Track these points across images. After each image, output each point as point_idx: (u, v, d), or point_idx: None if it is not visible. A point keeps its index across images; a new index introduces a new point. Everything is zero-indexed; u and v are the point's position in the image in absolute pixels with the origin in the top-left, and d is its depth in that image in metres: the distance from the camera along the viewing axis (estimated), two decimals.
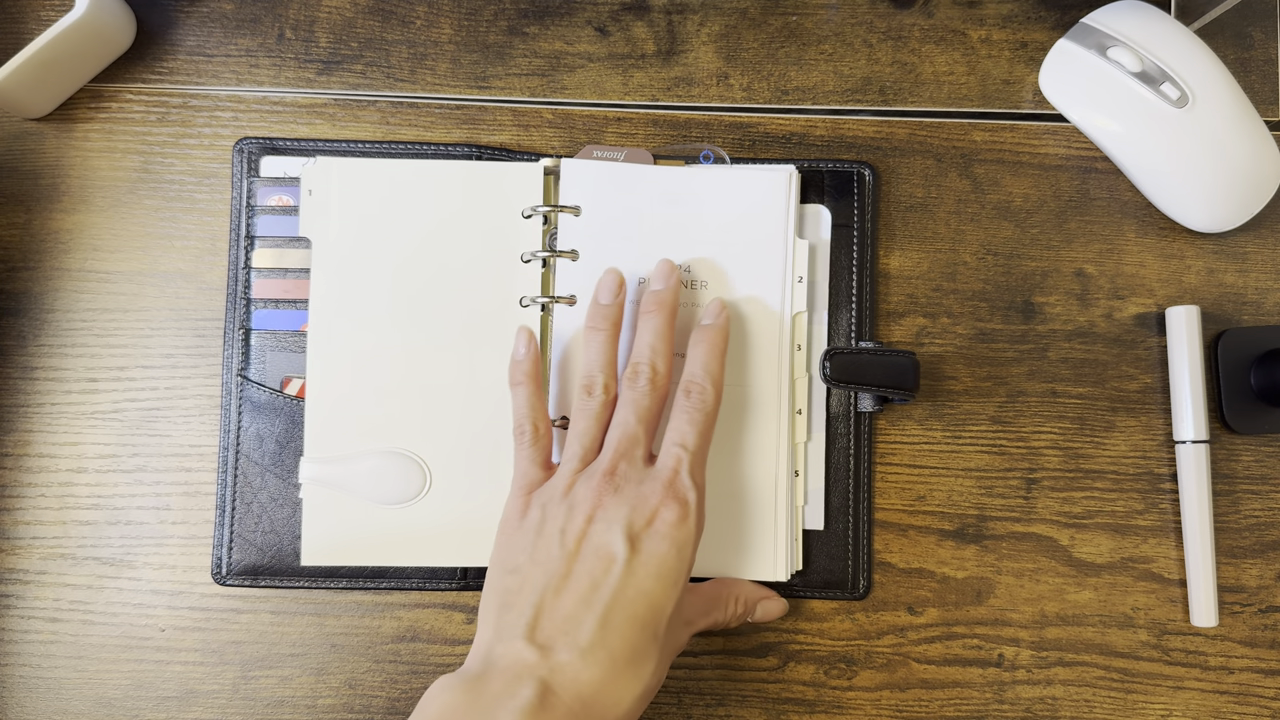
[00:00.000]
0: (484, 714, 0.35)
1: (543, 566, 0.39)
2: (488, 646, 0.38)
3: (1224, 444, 0.50)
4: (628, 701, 0.37)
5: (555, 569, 0.39)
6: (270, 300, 0.48)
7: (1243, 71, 0.51)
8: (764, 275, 0.47)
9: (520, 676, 0.36)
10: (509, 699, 0.35)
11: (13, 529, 0.48)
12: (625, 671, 0.37)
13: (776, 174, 0.47)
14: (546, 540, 0.40)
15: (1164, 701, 0.48)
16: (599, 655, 0.36)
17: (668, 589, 0.38)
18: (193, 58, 0.50)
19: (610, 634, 0.37)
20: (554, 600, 0.38)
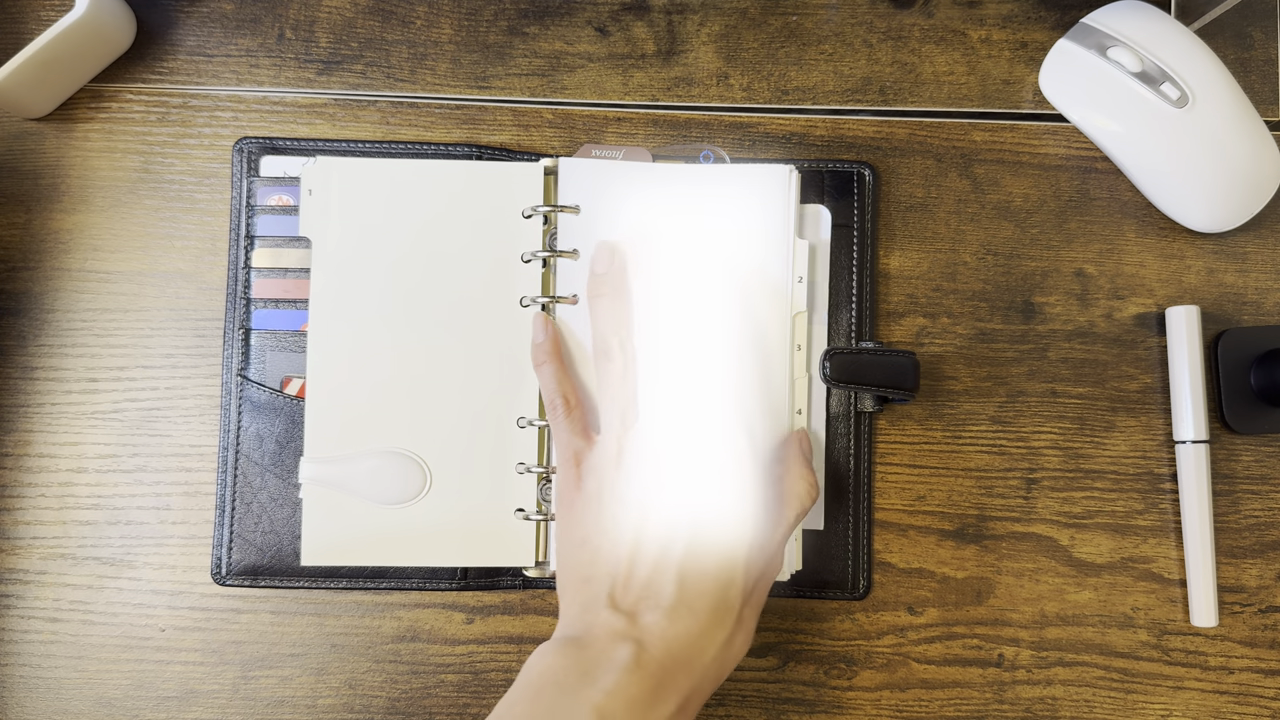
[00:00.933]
0: (586, 673, 0.37)
1: (609, 536, 0.41)
2: (575, 617, 0.40)
3: (1224, 444, 0.50)
4: (713, 649, 0.38)
5: (623, 537, 0.40)
6: (270, 300, 0.48)
7: (1243, 71, 0.51)
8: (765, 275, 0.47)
9: (615, 639, 0.38)
10: (608, 659, 0.37)
11: (13, 529, 0.48)
12: (709, 623, 0.39)
13: (776, 171, 0.47)
14: (609, 508, 0.41)
15: (1164, 701, 0.48)
16: (681, 613, 0.38)
17: (736, 538, 0.40)
18: (193, 58, 0.50)
19: (688, 592, 0.39)
20: (629, 569, 0.40)
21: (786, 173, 0.47)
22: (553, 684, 0.37)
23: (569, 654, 0.38)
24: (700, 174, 0.48)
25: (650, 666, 0.37)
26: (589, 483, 0.42)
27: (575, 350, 0.47)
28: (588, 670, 0.37)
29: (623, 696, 0.36)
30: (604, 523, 0.41)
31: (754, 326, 0.46)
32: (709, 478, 0.41)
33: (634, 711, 0.36)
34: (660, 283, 0.45)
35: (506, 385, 0.47)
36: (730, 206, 0.47)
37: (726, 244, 0.47)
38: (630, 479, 0.41)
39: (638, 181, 0.48)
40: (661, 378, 0.43)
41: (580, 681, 0.37)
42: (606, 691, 0.36)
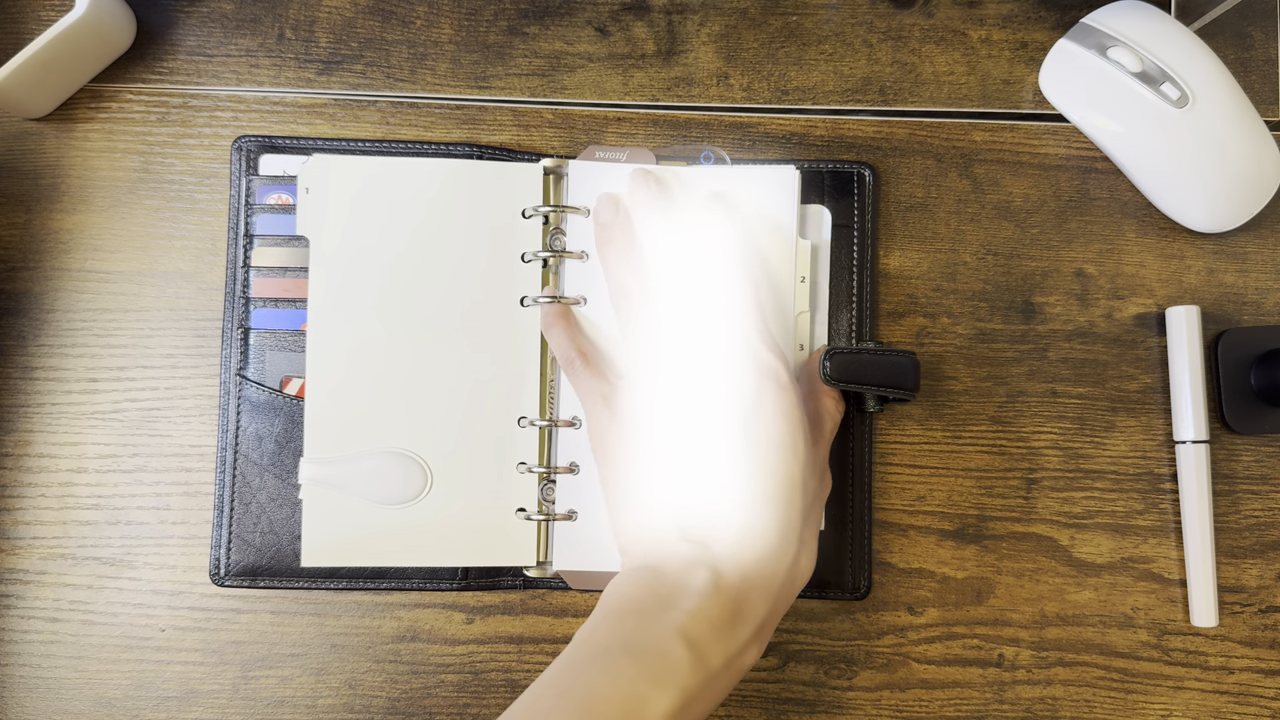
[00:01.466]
0: (667, 599, 0.38)
1: (665, 467, 0.41)
2: (647, 550, 0.40)
3: (1224, 444, 0.50)
4: (783, 570, 0.39)
5: (680, 467, 0.41)
6: (269, 299, 0.48)
7: (1243, 71, 0.51)
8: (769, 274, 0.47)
9: (691, 566, 0.38)
10: (686, 584, 0.38)
11: (13, 529, 0.48)
12: (777, 544, 0.39)
13: (783, 173, 0.47)
14: (658, 440, 0.42)
15: (1164, 702, 0.48)
16: (751, 537, 0.39)
17: (790, 458, 0.40)
18: (193, 58, 0.50)
19: (753, 516, 0.39)
20: (693, 498, 0.40)
21: (793, 174, 0.47)
22: (634, 610, 0.38)
23: (647, 582, 0.39)
24: (706, 176, 0.48)
25: (728, 590, 0.38)
26: (628, 420, 0.43)
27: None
28: (668, 596, 0.38)
29: (704, 619, 0.37)
30: (657, 454, 0.41)
31: (767, 289, 0.47)
32: (752, 400, 0.41)
33: (716, 633, 0.37)
34: (669, 280, 0.44)
35: (507, 384, 0.47)
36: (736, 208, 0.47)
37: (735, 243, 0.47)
38: (673, 408, 0.41)
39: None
40: (682, 323, 0.43)
41: (661, 606, 0.37)
42: (689, 613, 0.37)
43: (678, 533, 0.40)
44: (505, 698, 0.47)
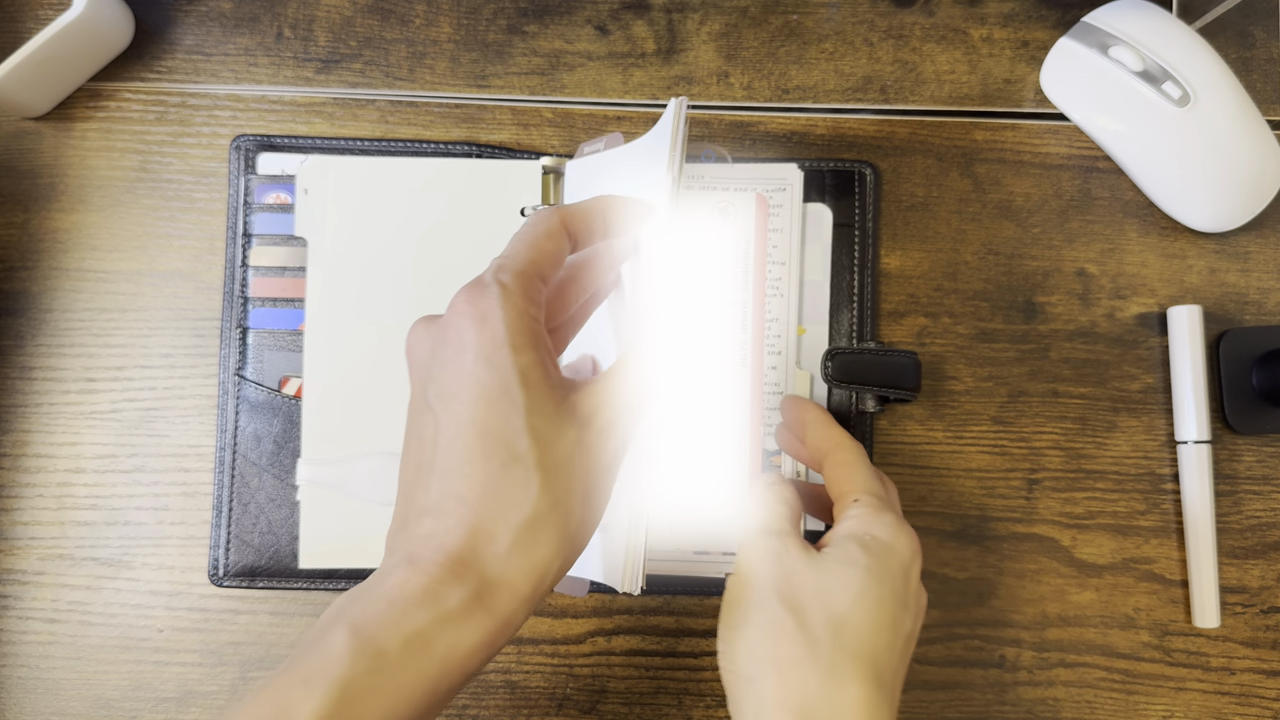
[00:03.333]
0: (361, 590, 0.32)
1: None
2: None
3: (1226, 444, 0.49)
4: (512, 525, 0.31)
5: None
6: (268, 299, 0.48)
7: (1245, 70, 0.51)
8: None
9: (390, 549, 0.33)
10: (382, 568, 0.32)
11: (10, 529, 0.48)
12: (492, 500, 0.31)
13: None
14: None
15: (1166, 702, 0.48)
16: (447, 503, 0.32)
17: (498, 405, 0.31)
18: (191, 56, 0.50)
19: (454, 479, 0.32)
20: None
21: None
22: (329, 613, 0.32)
23: (362, 583, 0.33)
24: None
25: (423, 562, 0.31)
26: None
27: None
28: (363, 587, 0.32)
29: (382, 599, 0.31)
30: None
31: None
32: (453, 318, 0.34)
33: (396, 611, 0.30)
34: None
35: None
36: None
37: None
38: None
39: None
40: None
41: (350, 599, 0.32)
42: (366, 598, 0.31)
43: (396, 523, 0.34)
44: (504, 699, 0.47)
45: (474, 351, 0.32)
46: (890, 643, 0.36)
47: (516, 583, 0.31)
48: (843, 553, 0.37)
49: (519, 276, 0.33)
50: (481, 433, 0.31)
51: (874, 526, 0.38)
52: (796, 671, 0.35)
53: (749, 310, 0.47)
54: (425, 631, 0.30)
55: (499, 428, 0.31)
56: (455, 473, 0.32)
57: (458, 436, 0.32)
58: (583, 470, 0.33)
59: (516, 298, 0.32)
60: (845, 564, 0.36)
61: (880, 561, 0.37)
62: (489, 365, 0.32)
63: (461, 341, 0.32)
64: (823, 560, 0.37)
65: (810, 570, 0.36)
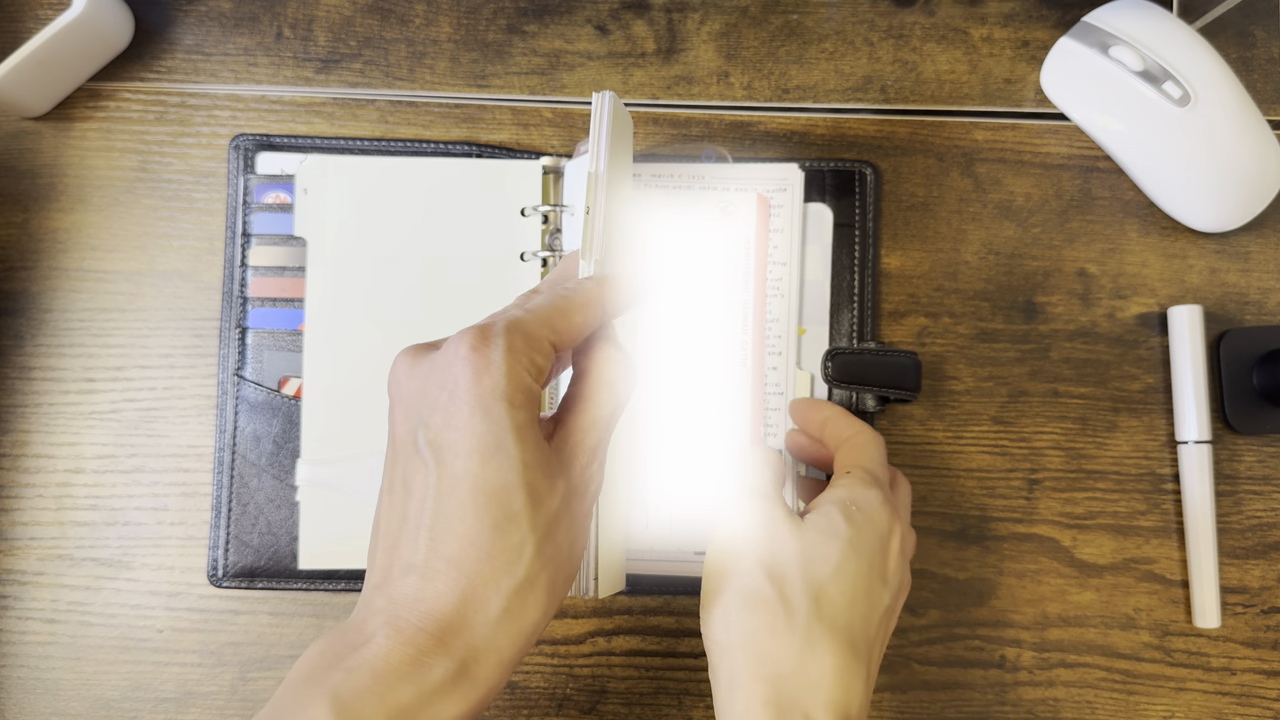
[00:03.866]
0: (338, 655, 0.30)
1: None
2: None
3: (1226, 444, 0.49)
4: (498, 599, 0.30)
5: None
6: (267, 299, 0.48)
7: (1245, 70, 0.51)
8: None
9: (368, 609, 0.31)
10: (361, 630, 0.31)
11: (10, 530, 0.47)
12: (479, 571, 0.30)
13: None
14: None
15: (1166, 703, 0.48)
16: (431, 570, 0.30)
17: (494, 460, 0.30)
18: (190, 56, 0.50)
19: (437, 539, 0.31)
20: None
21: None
22: (300, 678, 0.31)
23: (329, 639, 0.31)
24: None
25: (407, 631, 0.30)
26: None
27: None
28: (339, 651, 0.31)
29: (366, 670, 0.30)
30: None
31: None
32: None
33: (381, 683, 0.29)
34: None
35: None
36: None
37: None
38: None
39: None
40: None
41: (329, 666, 0.30)
42: (348, 668, 0.30)
43: (377, 574, 0.32)
44: (504, 699, 0.47)
45: (471, 401, 0.30)
46: (867, 615, 0.36)
47: (504, 649, 0.31)
48: (826, 521, 0.37)
49: (531, 340, 0.31)
50: (476, 489, 0.30)
51: (859, 496, 0.38)
52: (772, 640, 0.35)
53: (749, 310, 0.47)
54: (409, 706, 0.29)
55: (495, 485, 0.30)
56: (447, 531, 0.30)
57: (450, 491, 0.30)
58: (570, 519, 0.32)
59: (522, 356, 0.31)
60: (827, 533, 0.37)
61: (860, 533, 0.37)
62: (486, 417, 0.30)
63: (457, 387, 0.30)
64: (805, 528, 0.37)
65: (792, 538, 0.37)
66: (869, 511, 0.38)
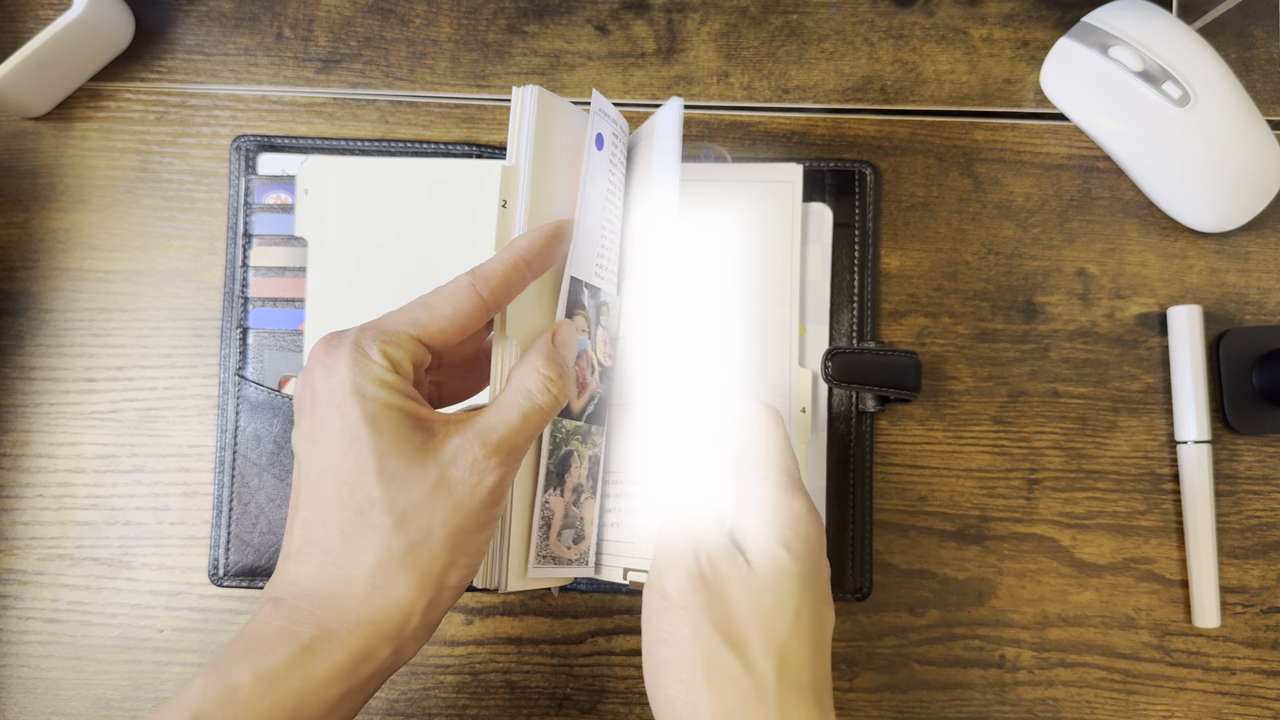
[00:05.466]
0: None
1: None
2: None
3: (1226, 444, 0.49)
4: (362, 579, 0.32)
5: None
6: (268, 299, 0.48)
7: (1245, 70, 0.51)
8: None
9: (259, 606, 0.34)
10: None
11: (10, 529, 0.47)
12: (342, 553, 0.33)
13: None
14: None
15: (1166, 702, 0.48)
16: (308, 551, 0.33)
17: (346, 451, 0.33)
18: (191, 56, 0.50)
19: (310, 527, 0.33)
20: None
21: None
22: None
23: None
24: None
25: (283, 607, 0.34)
26: None
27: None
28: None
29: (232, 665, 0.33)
30: None
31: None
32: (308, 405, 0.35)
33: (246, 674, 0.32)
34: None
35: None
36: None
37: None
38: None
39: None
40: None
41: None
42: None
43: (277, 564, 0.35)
44: (504, 699, 0.47)
45: (325, 400, 0.33)
46: (823, 653, 0.35)
47: (379, 621, 0.32)
48: (773, 565, 0.34)
49: (383, 334, 0.34)
50: (337, 479, 0.33)
51: (789, 516, 0.35)
52: (744, 719, 0.33)
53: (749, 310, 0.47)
54: (277, 668, 0.31)
55: (352, 473, 0.32)
56: (314, 519, 0.33)
57: (317, 484, 0.33)
58: (446, 510, 0.33)
59: (372, 350, 0.33)
60: (777, 579, 0.34)
61: (805, 562, 0.35)
62: (339, 412, 0.33)
63: (315, 390, 0.33)
64: (755, 578, 0.34)
65: (745, 594, 0.34)
66: (804, 530, 0.35)
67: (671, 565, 0.35)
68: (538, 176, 0.38)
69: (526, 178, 0.37)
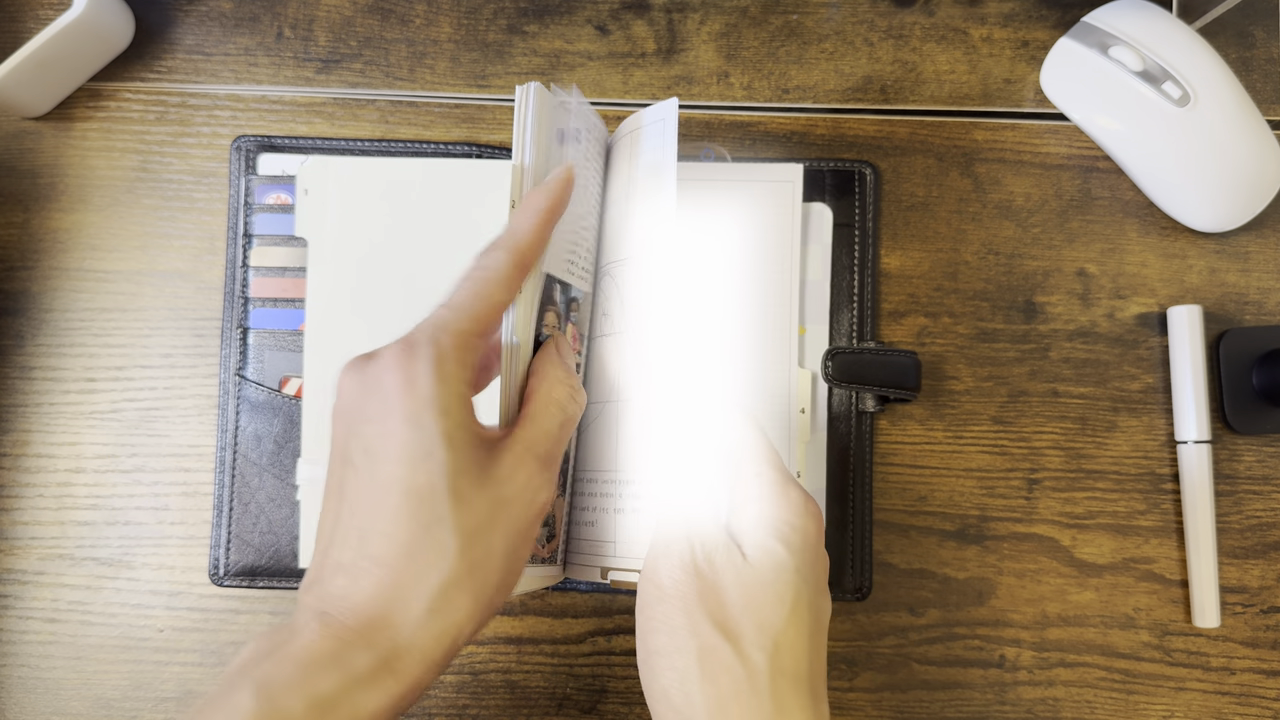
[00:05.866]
0: (271, 648, 0.32)
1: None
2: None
3: (1226, 444, 0.49)
4: (423, 594, 0.31)
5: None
6: (268, 299, 0.48)
7: (1244, 70, 0.51)
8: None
9: (301, 607, 0.32)
10: (293, 626, 0.32)
11: (11, 529, 0.48)
12: (401, 564, 0.31)
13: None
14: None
15: (1165, 702, 0.48)
16: (362, 565, 0.32)
17: (405, 458, 0.32)
18: (191, 56, 0.50)
19: (366, 540, 0.32)
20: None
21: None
22: (234, 670, 0.32)
23: (266, 636, 0.33)
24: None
25: (334, 624, 0.32)
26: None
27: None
28: (272, 645, 0.32)
29: (290, 660, 0.31)
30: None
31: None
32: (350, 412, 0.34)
33: (303, 673, 0.30)
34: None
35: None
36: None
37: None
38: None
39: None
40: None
41: (258, 658, 0.31)
42: (274, 658, 0.31)
43: (311, 575, 0.34)
44: (504, 699, 0.47)
45: (401, 413, 0.32)
46: (819, 645, 0.35)
47: (428, 647, 0.31)
48: (769, 558, 0.34)
49: (458, 337, 0.33)
50: (404, 493, 0.31)
51: (786, 510, 0.35)
52: (738, 707, 0.33)
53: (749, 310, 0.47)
54: (330, 695, 0.30)
55: (422, 488, 0.31)
56: (375, 532, 0.31)
57: (380, 496, 0.32)
58: (505, 530, 0.33)
59: (450, 363, 0.32)
60: (773, 571, 0.34)
61: (801, 556, 0.35)
62: (415, 426, 0.32)
63: (388, 402, 0.32)
64: (750, 570, 0.34)
65: (740, 586, 0.34)
66: (801, 524, 0.35)
67: (666, 556, 0.35)
68: (543, 174, 0.38)
69: (532, 177, 0.37)
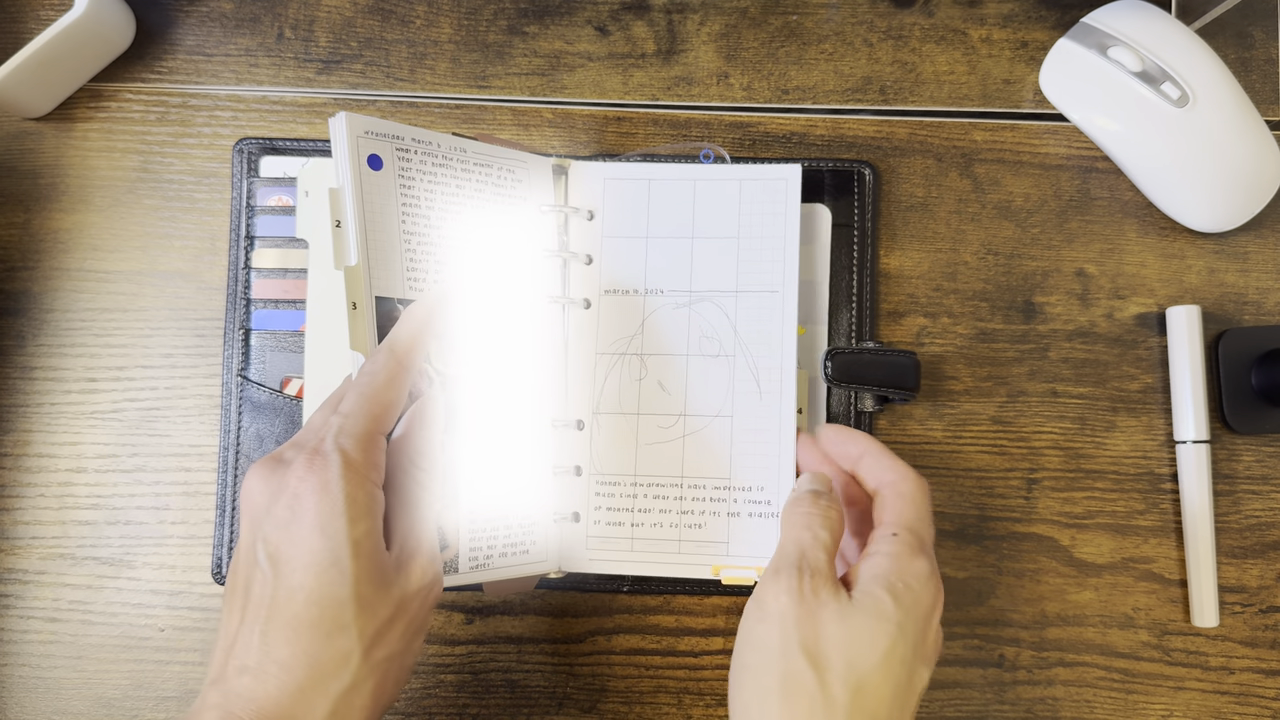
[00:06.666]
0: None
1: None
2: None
3: (1225, 444, 0.49)
4: (325, 705, 0.33)
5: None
6: (270, 300, 0.48)
7: (1243, 71, 0.51)
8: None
9: (199, 712, 0.33)
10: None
11: (12, 529, 0.48)
12: (308, 679, 0.33)
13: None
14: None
15: (1165, 702, 0.48)
16: (268, 669, 0.33)
17: (323, 575, 0.33)
18: (192, 57, 0.50)
19: (270, 644, 0.33)
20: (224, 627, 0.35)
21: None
22: None
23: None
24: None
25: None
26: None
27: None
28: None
29: None
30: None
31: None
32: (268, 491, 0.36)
33: None
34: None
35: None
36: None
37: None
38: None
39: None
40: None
41: None
42: None
43: (214, 670, 0.35)
44: (505, 698, 0.47)
45: (311, 521, 0.33)
46: (905, 706, 0.35)
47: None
48: (873, 603, 0.35)
49: (361, 440, 0.34)
50: (309, 601, 0.33)
51: (907, 571, 0.36)
52: None
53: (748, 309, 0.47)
54: None
55: (327, 598, 0.33)
56: (280, 638, 0.33)
57: (285, 602, 0.33)
58: (405, 626, 0.35)
59: (358, 465, 0.34)
60: (875, 618, 0.35)
61: (909, 615, 0.35)
62: (323, 534, 0.33)
63: (299, 507, 0.33)
64: (853, 611, 0.35)
65: (838, 621, 0.35)
66: (917, 589, 0.36)
67: (775, 580, 0.36)
68: (356, 196, 0.39)
69: (351, 198, 0.39)
